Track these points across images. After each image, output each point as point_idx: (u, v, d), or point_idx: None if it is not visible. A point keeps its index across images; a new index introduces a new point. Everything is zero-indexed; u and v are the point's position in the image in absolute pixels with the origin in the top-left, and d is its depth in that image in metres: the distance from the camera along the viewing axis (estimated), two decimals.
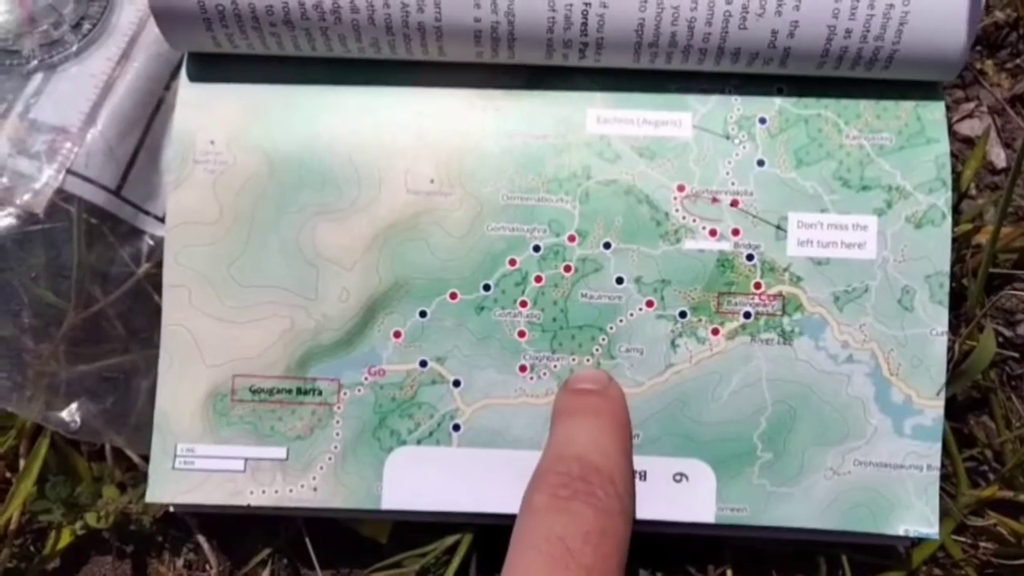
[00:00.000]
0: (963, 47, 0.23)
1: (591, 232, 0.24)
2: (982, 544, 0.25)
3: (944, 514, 0.25)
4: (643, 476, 0.24)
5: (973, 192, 0.27)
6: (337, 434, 0.24)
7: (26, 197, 0.23)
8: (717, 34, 0.23)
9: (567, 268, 0.24)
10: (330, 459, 0.24)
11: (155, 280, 0.25)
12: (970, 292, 0.24)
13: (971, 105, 0.28)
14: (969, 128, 0.27)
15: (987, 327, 0.24)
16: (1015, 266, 0.26)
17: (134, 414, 0.26)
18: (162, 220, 0.25)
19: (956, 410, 0.27)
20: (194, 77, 0.25)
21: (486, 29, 0.23)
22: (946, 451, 0.25)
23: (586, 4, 0.22)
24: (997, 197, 0.27)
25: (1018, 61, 0.29)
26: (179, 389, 0.24)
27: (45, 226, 0.24)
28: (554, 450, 0.22)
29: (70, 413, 0.25)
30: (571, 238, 0.24)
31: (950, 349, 0.24)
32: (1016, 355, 0.26)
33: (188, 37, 0.23)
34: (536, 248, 0.24)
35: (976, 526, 0.25)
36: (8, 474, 0.28)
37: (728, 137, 0.24)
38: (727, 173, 0.24)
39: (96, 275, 0.25)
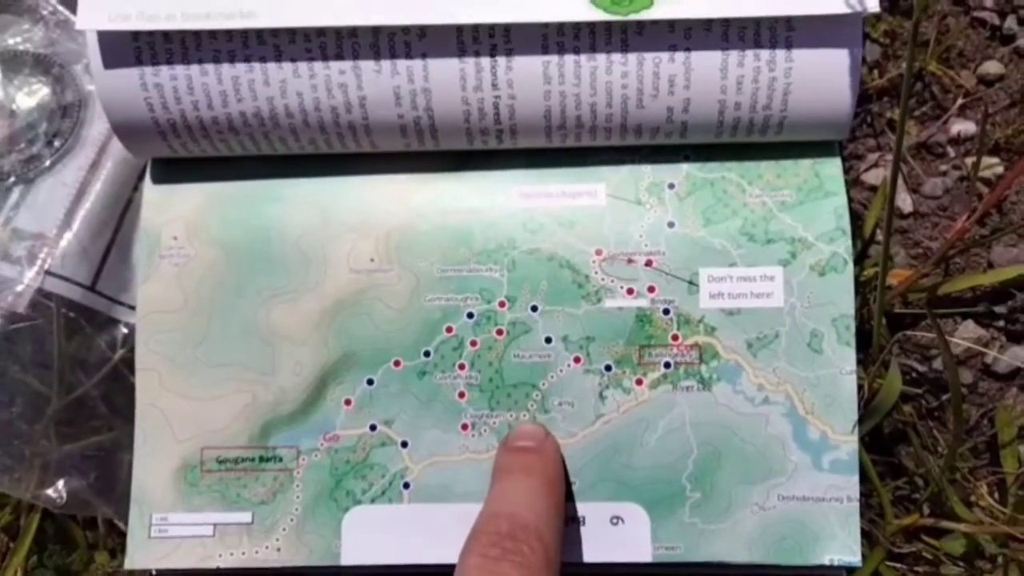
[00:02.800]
0: (847, 109, 0.25)
1: (519, 297, 0.26)
2: (916, 569, 0.27)
3: (875, 543, 0.26)
4: (582, 521, 0.26)
5: (880, 237, 0.29)
6: (297, 497, 0.26)
7: (10, 299, 0.26)
8: (618, 114, 0.25)
9: (499, 332, 0.26)
10: (292, 520, 0.26)
11: (131, 363, 0.27)
12: (875, 333, 0.25)
13: (876, 155, 0.29)
14: (875, 177, 0.29)
15: (893, 364, 0.25)
16: (928, 304, 0.28)
17: (119, 486, 0.28)
18: (134, 309, 0.28)
19: (885, 442, 0.28)
20: (157, 179, 0.27)
21: (409, 125, 0.25)
22: (872, 483, 0.26)
23: (496, 97, 0.25)
24: (904, 240, 0.28)
25: (925, 109, 0.31)
26: (153, 463, 0.26)
27: (28, 323, 0.26)
28: (488, 508, 0.24)
29: (56, 490, 0.27)
30: (501, 304, 0.26)
31: (861, 387, 0.25)
32: (930, 388, 0.27)
33: (147, 147, 0.26)
34: (470, 315, 0.26)
35: (908, 552, 0.27)
36: (11, 544, 0.30)
37: (640, 203, 0.26)
38: (640, 236, 0.26)
39: (76, 363, 0.27)
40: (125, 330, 0.28)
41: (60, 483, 0.27)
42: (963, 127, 0.30)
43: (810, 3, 0.23)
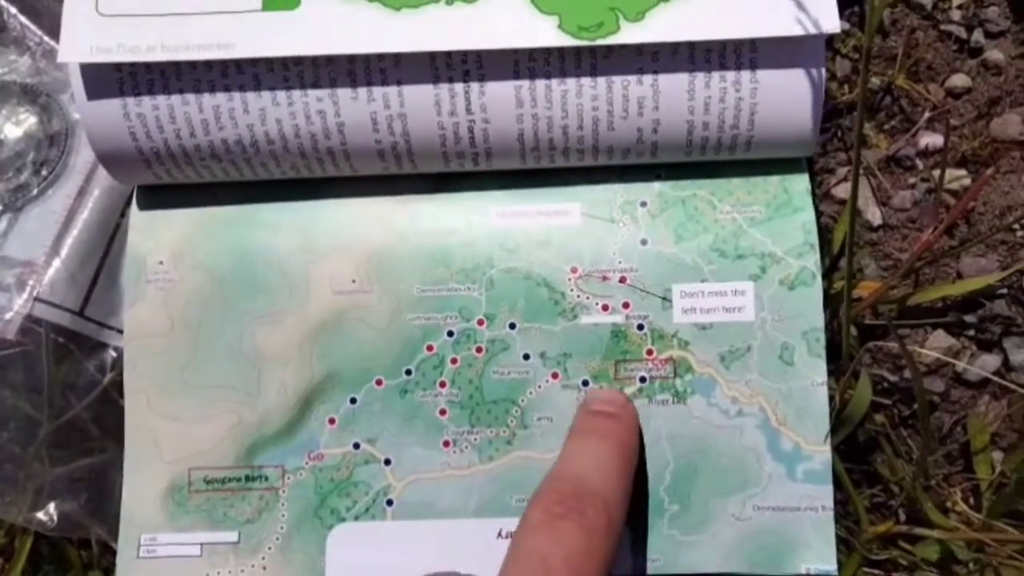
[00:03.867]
0: (812, 127, 0.25)
1: (497, 315, 0.27)
2: (893, 575, 0.27)
3: (851, 551, 0.27)
4: None
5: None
6: (283, 515, 0.26)
7: None
8: (589, 136, 0.26)
9: (479, 349, 0.27)
10: (277, 539, 0.26)
11: (120, 387, 0.28)
12: (843, 344, 0.26)
13: (846, 169, 0.30)
14: (845, 191, 0.30)
15: (863, 375, 0.26)
16: (899, 315, 0.29)
17: (111, 507, 0.29)
18: (122, 333, 0.28)
19: (860, 450, 0.29)
20: (143, 206, 0.28)
21: (387, 149, 0.26)
22: (847, 491, 0.27)
23: (471, 121, 0.25)
24: (874, 252, 0.29)
25: (894, 122, 0.31)
26: (141, 484, 0.27)
27: (18, 348, 0.27)
28: (557, 468, 0.24)
29: (47, 513, 0.27)
30: (480, 322, 0.27)
31: (832, 398, 0.26)
32: (901, 397, 0.28)
33: (132, 175, 0.27)
34: (450, 333, 0.27)
35: (884, 559, 0.27)
36: (6, 565, 0.30)
37: (613, 221, 0.27)
38: (614, 253, 0.27)
39: (66, 387, 0.28)
40: (114, 354, 0.28)
41: (51, 506, 0.27)
42: (931, 140, 0.30)
43: (771, 26, 0.24)
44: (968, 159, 0.30)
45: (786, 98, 0.25)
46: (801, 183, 0.27)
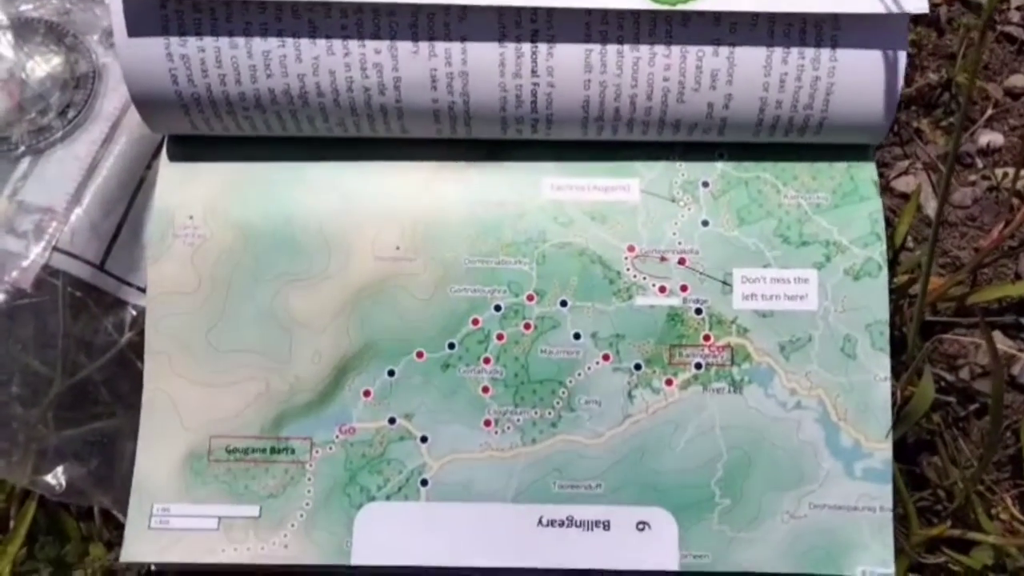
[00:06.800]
0: (885, 114, 0.25)
1: (548, 291, 0.25)
2: None
3: (900, 553, 0.26)
4: (606, 526, 0.25)
5: (911, 244, 0.29)
6: (309, 491, 0.25)
7: (14, 274, 0.24)
8: (657, 108, 0.24)
9: (527, 326, 0.25)
10: (301, 516, 0.25)
11: (138, 348, 0.26)
12: (908, 340, 0.25)
13: (907, 163, 0.29)
14: (905, 184, 0.29)
15: (926, 372, 0.25)
16: (955, 313, 0.28)
17: (119, 476, 0.27)
18: (144, 291, 0.27)
19: (908, 452, 0.28)
20: (174, 157, 0.26)
21: (443, 110, 0.24)
22: (898, 492, 0.26)
23: (535, 84, 0.24)
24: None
25: (951, 119, 0.31)
26: (158, 451, 0.25)
27: (32, 300, 0.25)
28: None
29: (55, 476, 0.25)
30: (530, 297, 0.25)
31: (893, 394, 0.25)
32: (958, 398, 0.27)
33: (167, 122, 0.25)
34: (497, 308, 0.25)
35: (931, 563, 0.26)
36: (3, 536, 0.28)
37: (674, 200, 0.26)
38: (674, 233, 0.26)
39: (81, 344, 0.26)
40: (133, 312, 0.26)
41: (59, 469, 0.25)
42: (991, 138, 0.30)
43: (856, 2, 0.23)
44: None
45: (864, 80, 0.24)
46: (868, 171, 0.26)
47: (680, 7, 0.23)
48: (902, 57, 0.24)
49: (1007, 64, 0.31)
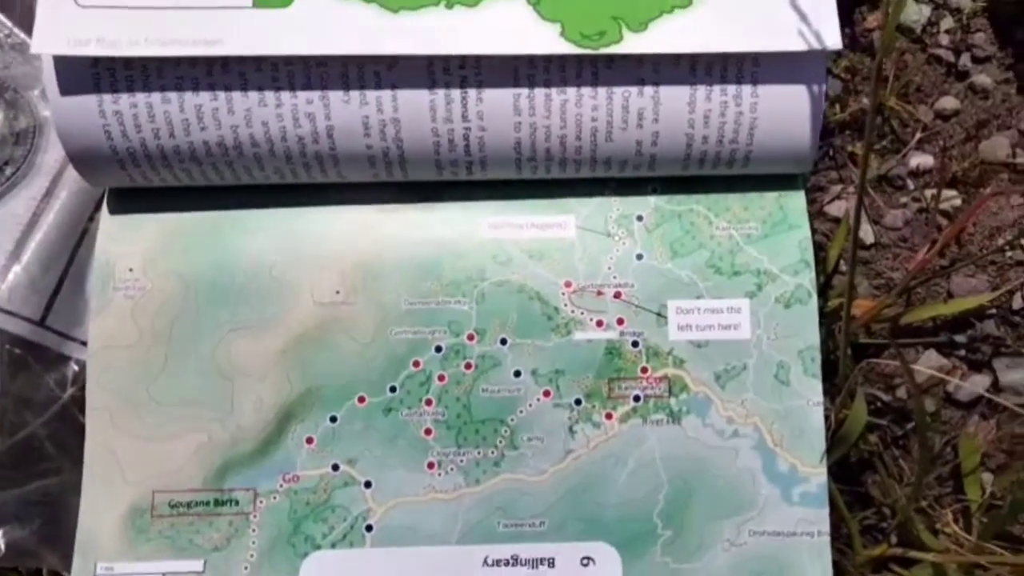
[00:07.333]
0: (810, 145, 0.25)
1: (488, 330, 0.26)
2: None
3: (844, 574, 0.26)
4: (551, 563, 0.25)
5: (844, 268, 0.29)
6: (253, 543, 0.25)
7: None
8: (587, 147, 0.25)
9: (468, 365, 0.26)
10: (246, 568, 0.25)
11: (81, 402, 0.26)
12: (841, 363, 0.26)
13: (839, 188, 0.30)
14: (838, 209, 0.30)
15: (858, 395, 0.25)
16: (891, 334, 0.28)
17: (66, 533, 0.26)
18: (87, 344, 0.27)
19: (852, 471, 0.28)
20: (114, 210, 0.26)
21: (378, 155, 0.25)
22: (840, 514, 0.26)
23: (466, 128, 0.24)
24: (866, 270, 0.29)
25: (884, 143, 0.31)
26: (101, 508, 0.25)
27: None
28: None
29: None
30: (470, 337, 0.26)
31: (828, 418, 0.25)
32: (895, 417, 0.28)
33: (105, 177, 0.25)
34: (438, 349, 0.26)
35: None
36: None
37: (609, 235, 0.26)
38: (609, 268, 0.26)
39: (21, 402, 0.26)
40: (76, 367, 0.26)
41: (0, 532, 0.25)
42: (922, 160, 0.30)
43: (774, 40, 0.24)
44: (958, 180, 0.30)
45: (786, 113, 0.25)
46: (797, 200, 0.27)
47: (604, 51, 0.23)
48: (821, 91, 0.25)
49: (937, 86, 0.32)
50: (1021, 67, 0.31)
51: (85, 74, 0.24)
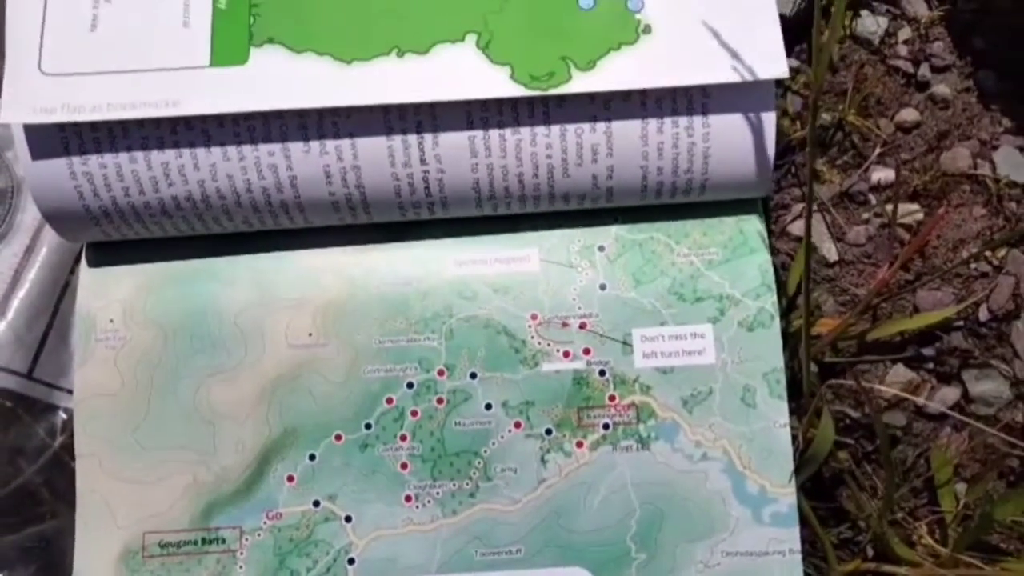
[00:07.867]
0: (764, 170, 0.26)
1: (458, 365, 0.26)
2: None
3: None
4: None
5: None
6: None
7: None
8: (544, 183, 0.26)
9: (439, 400, 0.26)
10: None
11: (72, 449, 0.27)
12: (804, 383, 0.26)
13: (801, 206, 0.30)
14: (800, 228, 0.30)
15: (825, 414, 0.26)
16: (859, 350, 0.29)
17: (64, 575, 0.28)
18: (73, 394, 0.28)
19: (826, 488, 0.29)
20: (92, 263, 0.27)
21: (341, 201, 0.26)
22: (814, 530, 0.26)
23: (425, 171, 0.25)
24: (831, 288, 0.29)
25: (846, 158, 0.32)
26: (94, 551, 0.26)
27: None
28: None
29: None
30: (440, 372, 0.26)
31: (796, 438, 0.26)
32: (865, 433, 0.28)
33: (80, 233, 0.26)
34: (410, 385, 0.26)
35: None
36: None
37: (572, 266, 0.27)
38: (574, 299, 0.27)
39: (14, 452, 0.27)
40: (65, 416, 0.27)
41: None
42: (883, 175, 0.31)
43: (721, 73, 0.24)
44: (920, 193, 0.30)
45: (738, 142, 0.25)
46: (755, 224, 0.27)
47: (553, 91, 0.24)
48: (771, 118, 0.25)
49: (897, 98, 0.32)
50: (980, 75, 0.31)
51: (54, 138, 0.24)
